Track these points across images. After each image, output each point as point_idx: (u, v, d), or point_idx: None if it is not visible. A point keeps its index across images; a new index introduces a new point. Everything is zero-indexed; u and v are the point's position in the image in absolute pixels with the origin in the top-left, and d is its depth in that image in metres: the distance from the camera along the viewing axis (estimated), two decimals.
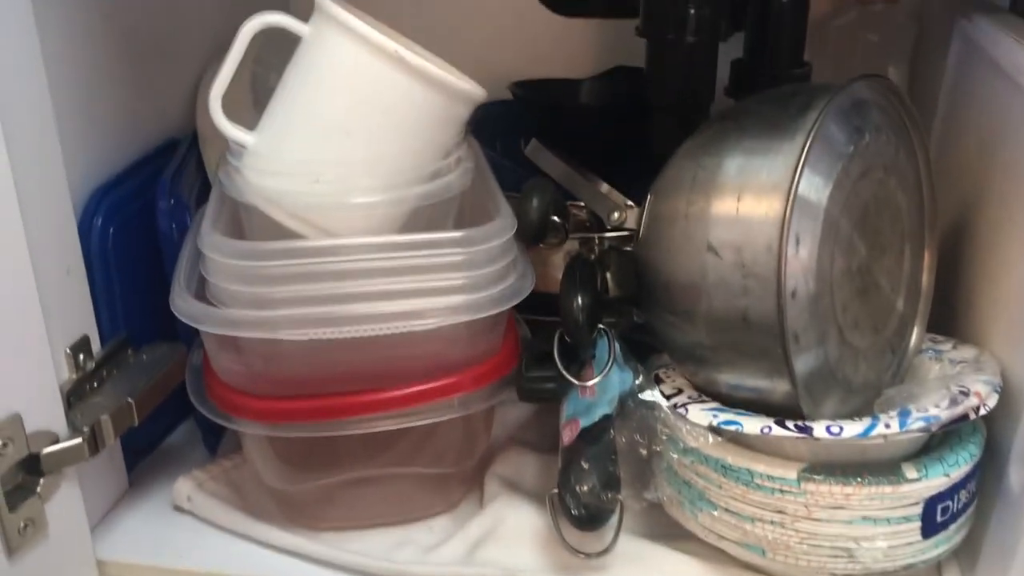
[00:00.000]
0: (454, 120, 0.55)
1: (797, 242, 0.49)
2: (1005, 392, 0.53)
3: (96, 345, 0.60)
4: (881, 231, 0.55)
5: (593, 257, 0.63)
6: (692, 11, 0.66)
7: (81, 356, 0.58)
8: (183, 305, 0.53)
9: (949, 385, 0.51)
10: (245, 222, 0.56)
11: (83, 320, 0.59)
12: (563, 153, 0.66)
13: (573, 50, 0.92)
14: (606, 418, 0.54)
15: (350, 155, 0.52)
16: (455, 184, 0.55)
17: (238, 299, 0.52)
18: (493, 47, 0.93)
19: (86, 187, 0.62)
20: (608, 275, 0.65)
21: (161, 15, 0.71)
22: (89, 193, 0.62)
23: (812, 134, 0.49)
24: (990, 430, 0.55)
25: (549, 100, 0.81)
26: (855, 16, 0.80)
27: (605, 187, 0.64)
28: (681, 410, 0.53)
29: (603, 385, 0.56)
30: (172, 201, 0.64)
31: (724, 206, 0.51)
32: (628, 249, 0.60)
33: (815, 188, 0.50)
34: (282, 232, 0.54)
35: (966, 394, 0.50)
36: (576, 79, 0.86)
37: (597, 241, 0.65)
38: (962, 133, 0.66)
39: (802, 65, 0.74)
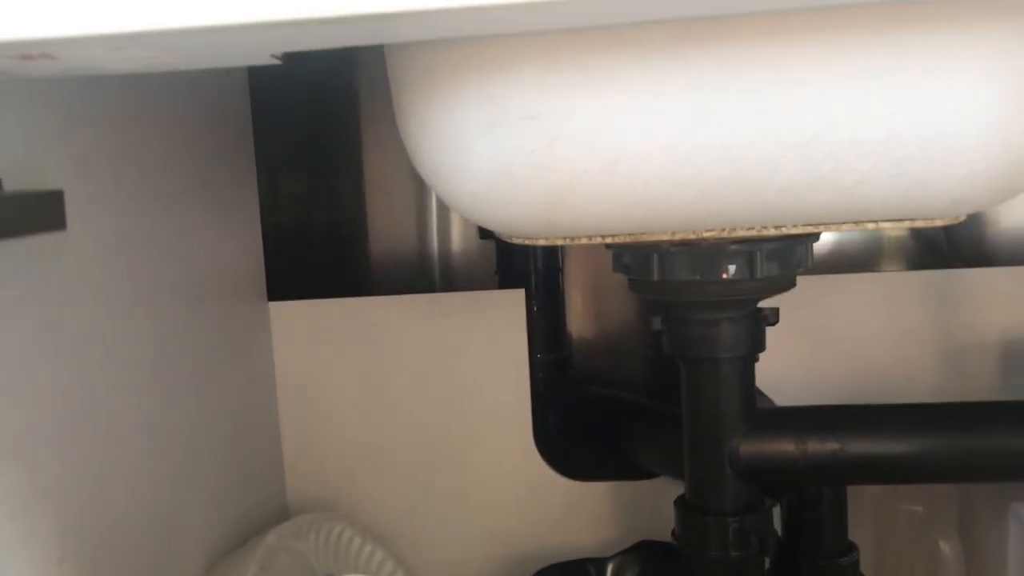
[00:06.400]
0: None
1: None
2: None
3: None
4: None
5: None
6: (734, 525, 0.62)
7: None
8: None
9: None
10: None
11: None
12: None
13: (592, 519, 0.87)
14: None
15: None
16: None
17: None
18: (510, 518, 0.88)
19: None
20: None
21: (158, 507, 0.65)
22: None
23: None
24: None
25: None
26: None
27: None
28: None
29: None
30: None
31: None
32: None
33: None
34: None
35: None
36: (601, 558, 0.80)
37: None
38: None
39: (848, 550, 0.69)
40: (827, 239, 0.92)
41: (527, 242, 0.52)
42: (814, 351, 0.83)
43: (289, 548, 0.74)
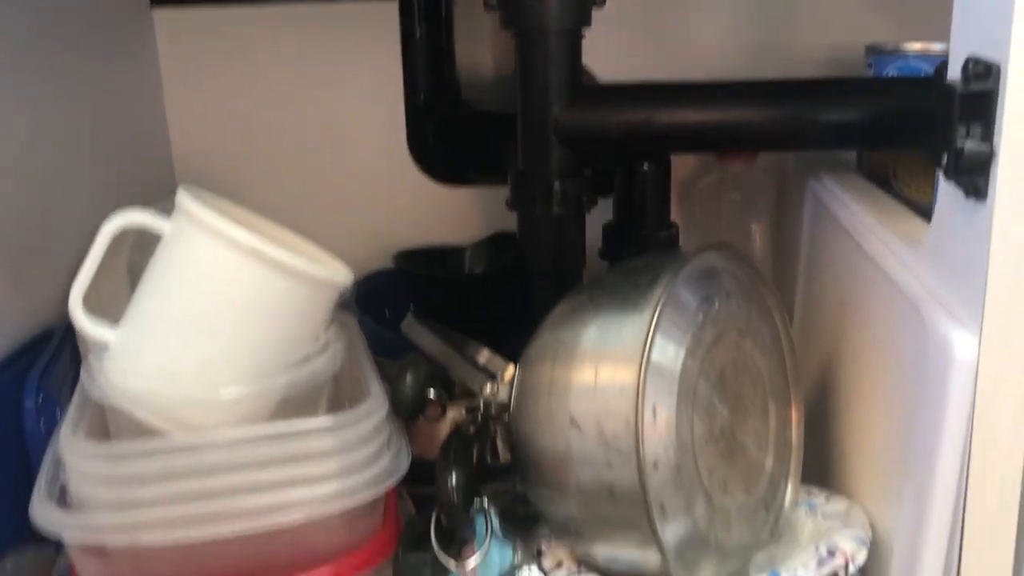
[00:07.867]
0: (320, 306, 0.56)
1: (654, 412, 0.50)
2: (874, 544, 0.54)
3: None
4: (742, 393, 0.56)
5: (474, 429, 0.64)
6: (556, 186, 0.69)
7: None
8: (42, 513, 0.51)
9: (818, 544, 0.52)
10: (111, 422, 0.56)
11: None
12: (440, 327, 0.67)
13: (458, 216, 0.95)
14: None
15: (212, 353, 0.52)
16: (323, 369, 0.56)
17: (100, 503, 0.51)
18: (381, 217, 0.96)
19: None
20: (497, 441, 0.66)
21: (35, 196, 0.71)
22: None
23: (660, 305, 0.51)
24: None
25: (428, 271, 0.83)
26: (717, 177, 0.85)
27: (486, 354, 0.65)
28: None
29: (484, 565, 0.55)
30: (40, 398, 0.62)
31: (583, 379, 0.52)
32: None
33: (668, 357, 0.51)
34: (149, 431, 0.53)
35: (833, 553, 0.51)
36: (458, 247, 0.89)
37: (482, 407, 0.65)
38: (823, 291, 0.70)
39: (669, 227, 0.78)
40: None
41: None
42: (660, 57, 0.89)
43: None
